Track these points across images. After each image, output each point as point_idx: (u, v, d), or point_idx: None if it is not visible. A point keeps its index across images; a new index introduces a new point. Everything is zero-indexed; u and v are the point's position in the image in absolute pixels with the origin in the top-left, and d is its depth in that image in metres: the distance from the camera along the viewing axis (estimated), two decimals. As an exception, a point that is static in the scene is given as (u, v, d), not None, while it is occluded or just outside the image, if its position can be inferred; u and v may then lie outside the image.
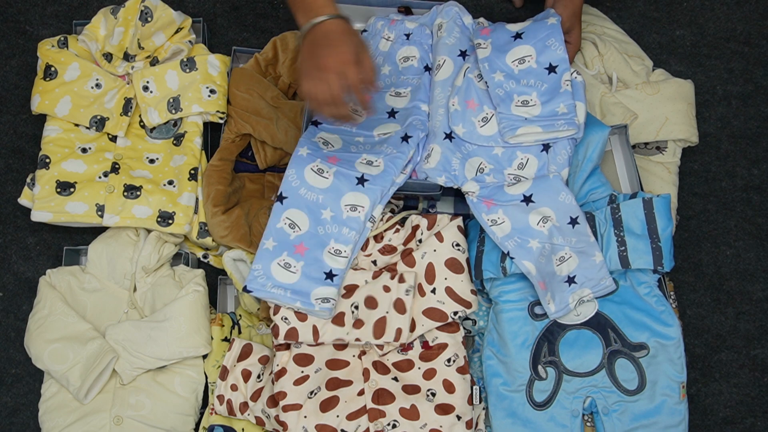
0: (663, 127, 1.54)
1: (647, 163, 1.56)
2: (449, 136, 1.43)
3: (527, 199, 1.38)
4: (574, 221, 1.37)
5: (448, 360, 1.36)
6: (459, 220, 1.42)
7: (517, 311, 1.40)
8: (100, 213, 1.47)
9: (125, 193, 1.48)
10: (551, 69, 1.42)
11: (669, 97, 1.55)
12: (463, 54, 1.48)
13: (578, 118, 1.40)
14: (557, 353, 1.38)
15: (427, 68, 1.49)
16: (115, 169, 1.51)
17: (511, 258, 1.37)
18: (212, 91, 1.54)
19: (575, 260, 1.35)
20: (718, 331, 1.58)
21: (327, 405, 1.33)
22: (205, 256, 1.55)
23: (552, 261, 1.36)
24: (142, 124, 1.56)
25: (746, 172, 1.66)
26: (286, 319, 1.35)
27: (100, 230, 1.53)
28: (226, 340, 1.47)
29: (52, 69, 1.53)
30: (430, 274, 1.38)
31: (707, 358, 1.57)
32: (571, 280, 1.35)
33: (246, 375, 1.41)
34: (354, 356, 1.37)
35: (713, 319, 1.59)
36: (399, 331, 1.34)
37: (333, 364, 1.36)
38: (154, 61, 1.56)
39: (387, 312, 1.34)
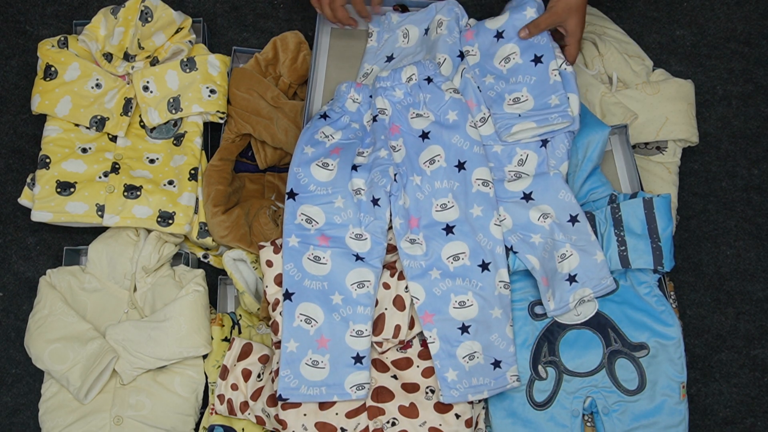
0: (663, 127, 1.54)
1: (647, 163, 1.56)
2: None
3: (527, 197, 1.39)
4: (574, 219, 1.37)
5: (448, 359, 1.36)
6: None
7: (517, 311, 1.40)
8: (100, 213, 1.47)
9: (125, 193, 1.48)
10: (537, 60, 1.43)
11: (669, 97, 1.55)
12: (461, 55, 1.48)
13: (572, 110, 1.40)
14: (557, 353, 1.38)
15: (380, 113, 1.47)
16: (115, 169, 1.51)
17: (515, 253, 1.37)
18: (212, 91, 1.54)
19: (576, 258, 1.35)
20: (718, 331, 1.58)
21: (326, 403, 1.33)
22: (205, 256, 1.55)
23: (554, 258, 1.36)
24: (142, 124, 1.56)
25: (746, 172, 1.66)
26: (285, 318, 1.35)
27: (100, 230, 1.53)
28: (226, 340, 1.47)
29: (52, 69, 1.53)
30: (429, 272, 1.38)
31: (707, 358, 1.57)
32: (572, 279, 1.35)
33: (246, 374, 1.41)
34: (353, 355, 1.38)
35: (713, 319, 1.59)
36: (398, 328, 1.34)
37: (332, 362, 1.37)
38: (154, 61, 1.57)
39: (386, 309, 1.35)
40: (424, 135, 1.41)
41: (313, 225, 1.38)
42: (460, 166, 1.39)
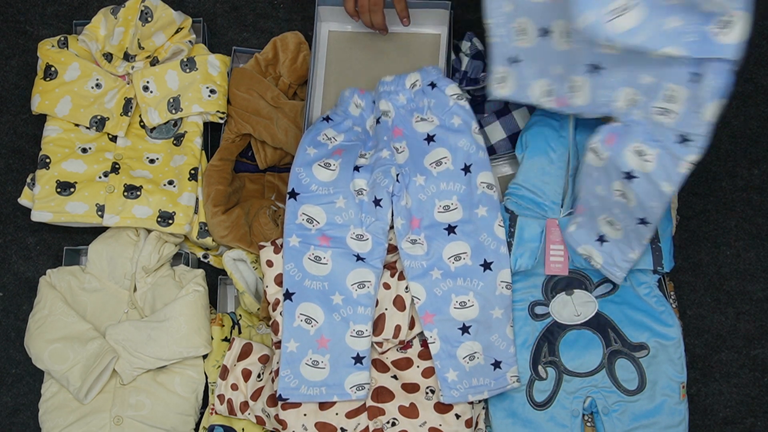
0: (663, 127, 1.54)
1: (647, 163, 1.56)
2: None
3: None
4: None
5: (448, 359, 1.36)
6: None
7: (518, 311, 1.40)
8: (100, 213, 1.47)
9: (125, 193, 1.48)
10: (466, 169, 1.39)
11: (669, 97, 1.55)
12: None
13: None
14: (557, 353, 1.38)
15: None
16: (115, 169, 1.51)
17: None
18: (212, 91, 1.54)
19: (620, 234, 1.31)
20: (718, 331, 1.58)
21: (326, 403, 1.33)
22: (205, 256, 1.55)
23: (607, 224, 1.32)
24: (142, 124, 1.56)
25: (746, 172, 1.65)
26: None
27: (100, 230, 1.53)
28: (226, 340, 1.47)
29: (52, 69, 1.53)
30: (429, 272, 1.38)
31: (707, 358, 1.57)
32: (602, 240, 1.33)
33: (246, 374, 1.41)
34: (353, 355, 1.38)
35: (713, 319, 1.59)
36: (398, 328, 1.34)
37: (332, 362, 1.37)
38: (154, 61, 1.57)
39: (386, 309, 1.35)
40: (430, 138, 1.40)
41: (314, 225, 1.38)
42: (466, 169, 1.39)
